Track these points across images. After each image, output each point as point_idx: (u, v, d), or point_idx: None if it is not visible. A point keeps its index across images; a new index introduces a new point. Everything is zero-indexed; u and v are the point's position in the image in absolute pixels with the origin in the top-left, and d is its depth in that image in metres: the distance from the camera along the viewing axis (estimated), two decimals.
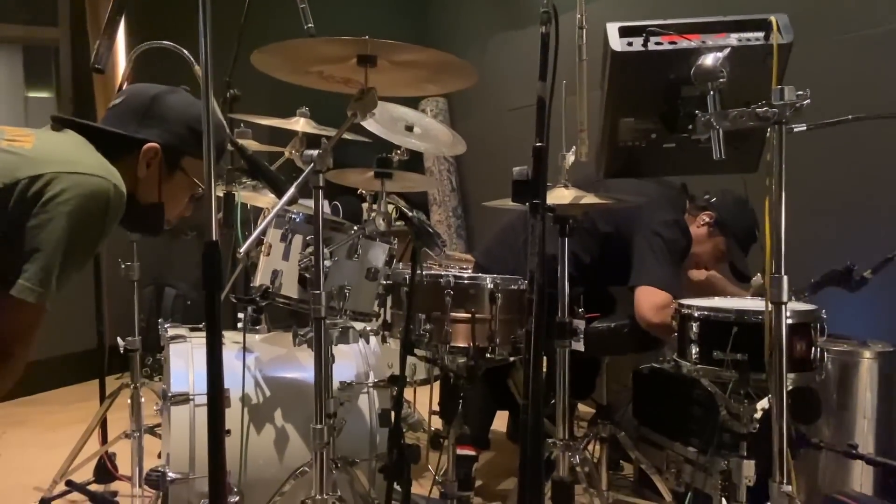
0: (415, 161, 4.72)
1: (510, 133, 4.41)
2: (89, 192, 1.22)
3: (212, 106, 1.13)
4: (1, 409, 3.52)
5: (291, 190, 1.50)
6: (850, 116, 1.66)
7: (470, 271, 2.64)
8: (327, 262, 1.75)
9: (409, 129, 3.04)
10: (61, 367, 3.90)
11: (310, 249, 1.77)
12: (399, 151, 2.57)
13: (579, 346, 1.83)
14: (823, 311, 1.83)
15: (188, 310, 4.18)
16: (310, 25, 2.51)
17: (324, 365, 1.60)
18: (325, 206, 2.02)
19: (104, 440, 2.55)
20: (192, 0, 1.28)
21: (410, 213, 2.04)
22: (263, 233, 1.91)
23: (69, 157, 1.26)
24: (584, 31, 1.63)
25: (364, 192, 2.66)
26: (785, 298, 1.44)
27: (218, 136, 1.35)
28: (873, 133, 2.35)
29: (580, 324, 1.85)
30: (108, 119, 1.43)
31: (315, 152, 1.56)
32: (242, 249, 1.37)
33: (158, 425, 2.71)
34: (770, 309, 1.46)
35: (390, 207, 3.87)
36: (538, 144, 1.34)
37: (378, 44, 1.63)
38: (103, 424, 2.56)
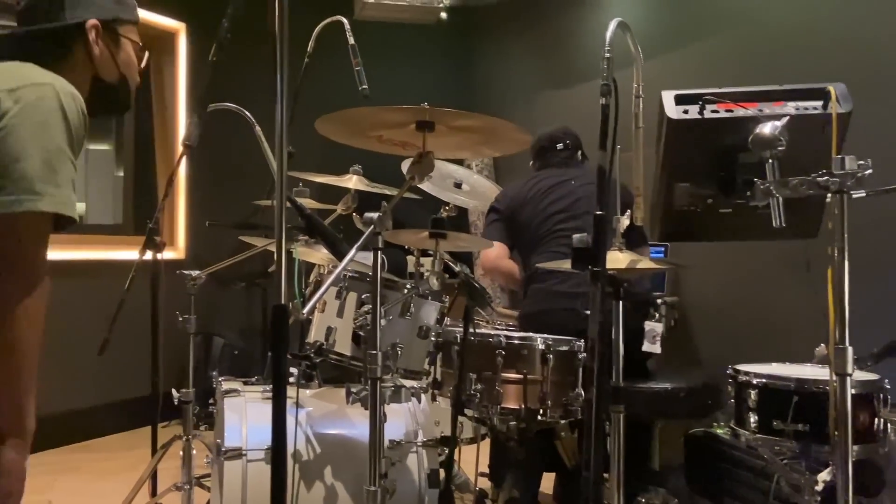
0: (459, 214, 4.76)
1: None
2: (35, 97, 1.19)
3: None
4: (53, 455, 3.59)
5: (352, 252, 1.53)
6: None
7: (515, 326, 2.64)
8: (382, 321, 1.77)
9: (458, 185, 3.09)
10: (112, 414, 3.98)
11: (365, 308, 1.80)
12: (447, 208, 2.61)
13: (656, 347, 1.83)
14: (886, 380, 1.78)
15: (235, 359, 4.23)
16: (364, 87, 2.61)
17: (379, 426, 1.60)
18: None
19: (154, 492, 2.58)
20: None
21: (457, 269, 2.06)
22: (325, 292, 1.94)
23: (8, 77, 1.22)
24: (641, 100, 1.65)
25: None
26: (850, 370, 1.41)
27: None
28: None
29: (657, 327, 1.85)
30: (28, 24, 1.37)
31: (375, 215, 1.59)
32: (305, 310, 1.39)
33: (205, 476, 2.73)
34: (835, 380, 1.43)
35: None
36: (598, 213, 1.36)
37: (436, 111, 1.68)
38: (152, 475, 2.59)
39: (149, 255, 2.51)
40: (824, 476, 1.82)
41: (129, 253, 3.95)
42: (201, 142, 2.34)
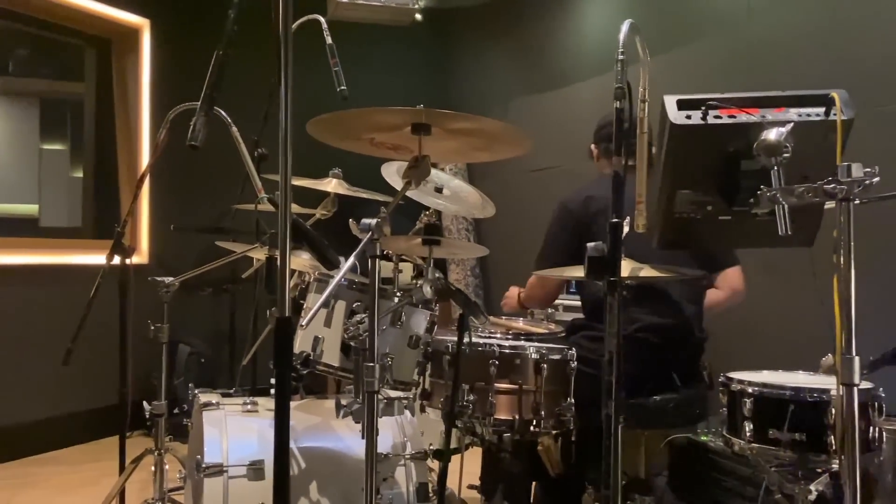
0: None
1: (529, 194, 4.42)
2: None
3: None
4: (9, 469, 3.41)
5: (350, 261, 1.47)
6: None
7: (499, 335, 2.59)
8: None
9: (439, 190, 3.03)
10: (72, 425, 3.80)
11: (357, 318, 1.73)
12: (428, 213, 2.55)
13: None
14: (881, 389, 1.78)
15: (202, 368, 4.10)
16: (342, 87, 2.53)
17: (374, 441, 1.53)
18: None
19: None
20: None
21: (438, 276, 2.01)
22: (325, 304, 1.84)
23: None
24: (647, 104, 1.62)
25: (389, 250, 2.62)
26: (857, 380, 1.40)
27: None
28: None
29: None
30: None
31: (373, 221, 1.53)
32: (304, 322, 1.32)
33: (176, 489, 2.61)
34: (841, 391, 1.41)
35: (409, 265, 3.82)
36: (614, 220, 1.31)
37: (433, 113, 1.63)
38: (120, 491, 2.47)
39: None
40: (817, 485, 1.82)
41: (89, 257, 3.79)
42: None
